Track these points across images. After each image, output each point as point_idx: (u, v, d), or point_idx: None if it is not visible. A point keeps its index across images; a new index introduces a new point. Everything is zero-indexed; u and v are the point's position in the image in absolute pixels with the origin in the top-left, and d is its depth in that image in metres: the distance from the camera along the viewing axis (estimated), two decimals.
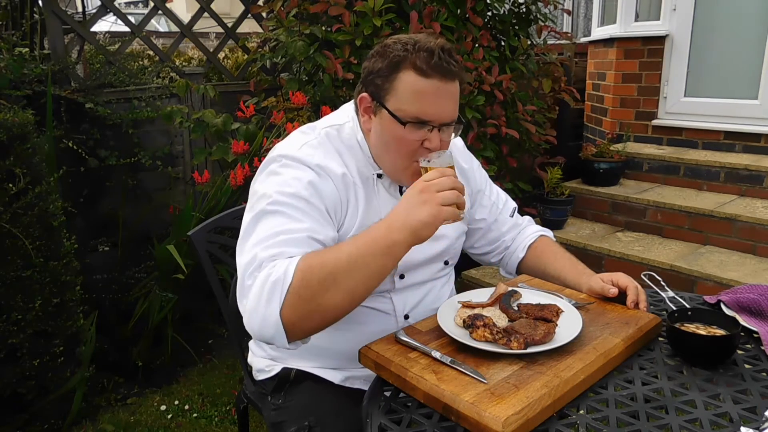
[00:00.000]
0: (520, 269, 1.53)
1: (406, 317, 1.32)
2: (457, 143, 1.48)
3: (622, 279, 1.31)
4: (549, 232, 1.56)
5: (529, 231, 1.54)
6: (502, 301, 1.22)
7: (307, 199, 1.15)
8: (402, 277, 1.31)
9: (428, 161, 1.15)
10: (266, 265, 1.05)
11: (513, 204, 1.56)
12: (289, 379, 1.35)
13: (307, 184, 1.16)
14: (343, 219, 1.22)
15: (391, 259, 1.05)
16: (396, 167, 1.23)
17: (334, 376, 1.33)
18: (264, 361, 1.42)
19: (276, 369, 1.38)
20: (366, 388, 1.28)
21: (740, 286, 1.36)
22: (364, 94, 1.21)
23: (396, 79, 1.15)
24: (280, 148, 1.24)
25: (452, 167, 1.15)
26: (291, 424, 1.25)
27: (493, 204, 1.51)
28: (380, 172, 1.26)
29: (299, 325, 1.03)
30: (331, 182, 1.19)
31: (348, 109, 1.33)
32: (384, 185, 1.27)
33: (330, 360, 1.32)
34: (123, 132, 2.77)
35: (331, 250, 1.08)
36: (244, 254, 1.10)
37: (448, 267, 1.43)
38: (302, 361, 1.35)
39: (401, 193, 1.29)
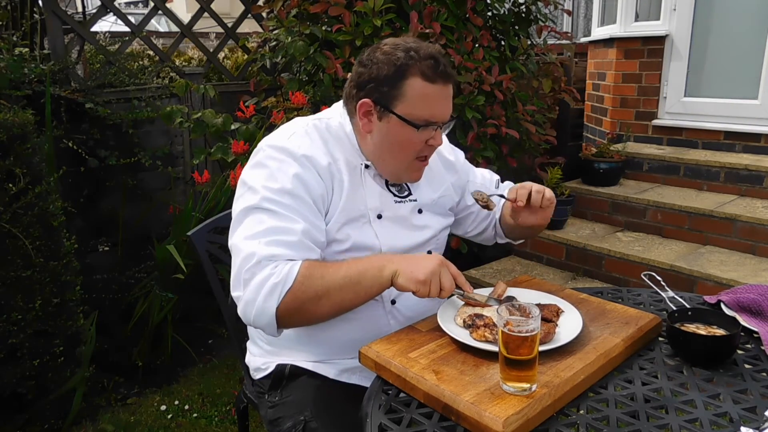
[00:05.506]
0: (504, 228, 1.57)
1: (393, 302, 1.34)
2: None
3: (521, 191, 1.32)
4: None
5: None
6: (502, 301, 1.22)
7: (293, 193, 1.20)
8: None
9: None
10: (266, 264, 1.14)
11: (496, 176, 1.62)
12: (284, 376, 1.35)
13: (293, 177, 1.22)
14: (328, 208, 1.27)
15: (378, 286, 1.16)
16: (400, 166, 1.31)
17: (329, 371, 1.33)
18: (260, 359, 1.42)
19: (271, 367, 1.39)
20: (361, 382, 1.31)
21: (740, 286, 1.36)
22: (366, 100, 1.25)
23: (404, 85, 1.22)
24: (269, 138, 1.30)
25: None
26: (287, 419, 1.25)
27: (480, 185, 1.56)
28: (368, 162, 1.31)
29: (289, 321, 1.16)
30: (316, 173, 1.25)
31: (335, 108, 1.39)
32: (370, 175, 1.33)
33: (321, 349, 1.34)
34: (123, 132, 2.77)
35: (331, 266, 1.18)
36: (240, 247, 1.18)
37: None
38: (295, 353, 1.36)
39: (387, 184, 1.35)
